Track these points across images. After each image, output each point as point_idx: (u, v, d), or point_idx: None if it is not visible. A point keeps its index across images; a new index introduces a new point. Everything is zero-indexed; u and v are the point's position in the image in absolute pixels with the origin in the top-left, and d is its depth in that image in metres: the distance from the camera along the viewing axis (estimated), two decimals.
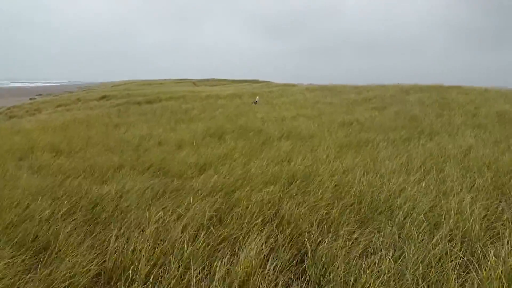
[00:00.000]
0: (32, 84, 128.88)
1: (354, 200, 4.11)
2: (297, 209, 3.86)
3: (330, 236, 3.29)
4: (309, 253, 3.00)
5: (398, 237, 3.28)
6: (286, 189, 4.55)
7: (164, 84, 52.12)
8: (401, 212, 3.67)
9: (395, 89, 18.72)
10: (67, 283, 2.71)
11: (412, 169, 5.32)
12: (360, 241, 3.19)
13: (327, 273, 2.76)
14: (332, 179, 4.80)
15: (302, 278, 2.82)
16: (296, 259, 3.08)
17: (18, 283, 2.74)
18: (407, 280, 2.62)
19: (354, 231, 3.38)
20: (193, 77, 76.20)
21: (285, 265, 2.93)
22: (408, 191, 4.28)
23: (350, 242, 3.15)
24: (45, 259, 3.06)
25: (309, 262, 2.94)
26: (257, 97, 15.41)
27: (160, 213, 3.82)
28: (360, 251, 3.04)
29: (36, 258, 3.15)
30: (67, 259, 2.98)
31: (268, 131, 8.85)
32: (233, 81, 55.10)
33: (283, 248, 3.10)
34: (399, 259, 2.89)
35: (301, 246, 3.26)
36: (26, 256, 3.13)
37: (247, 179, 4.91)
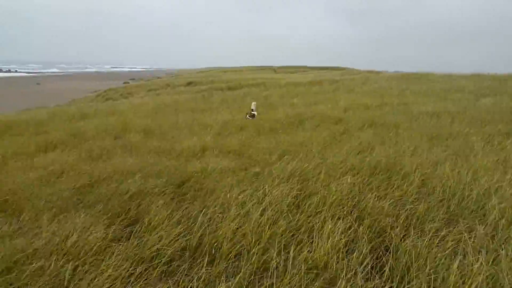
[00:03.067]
0: (126, 69, 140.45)
1: (442, 196, 3.86)
2: (379, 202, 3.73)
3: (414, 233, 3.14)
4: (391, 248, 2.90)
5: (492, 238, 3.02)
6: (367, 180, 4.42)
7: (245, 71, 53.23)
8: (495, 212, 3.37)
9: (491, 79, 16.99)
10: (154, 254, 2.94)
11: (510, 167, 4.82)
12: (448, 240, 3.00)
13: (411, 270, 2.65)
14: (418, 172, 4.55)
15: (383, 273, 2.74)
16: (377, 253, 3.00)
17: (110, 250, 3.03)
18: (504, 286, 2.41)
19: (442, 229, 3.19)
20: (274, 64, 76.66)
21: (365, 258, 2.86)
22: (504, 190, 3.90)
23: (437, 240, 2.97)
24: (135, 230, 3.34)
25: (391, 257, 2.84)
26: (253, 103, 10.08)
27: (240, 195, 3.96)
28: (448, 250, 2.85)
29: (127, 230, 3.46)
30: (155, 232, 3.22)
31: (349, 119, 8.62)
32: (313, 68, 54.35)
33: (363, 241, 3.02)
34: (492, 262, 2.66)
35: (382, 241, 3.17)
36: (119, 227, 3.46)
37: (326, 167, 4.85)
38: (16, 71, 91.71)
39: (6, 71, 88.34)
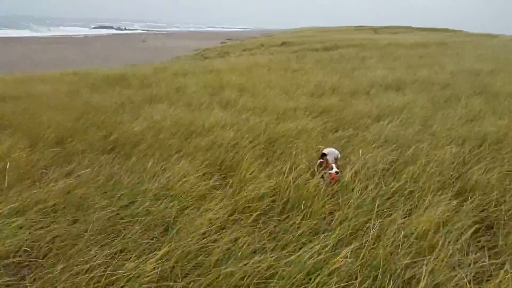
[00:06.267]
0: (223, 29, 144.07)
1: None
2: (485, 175, 3.40)
3: None
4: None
5: None
6: (474, 151, 4.03)
7: (342, 31, 50.90)
8: None
9: None
10: (248, 204, 3.05)
11: None
12: None
13: None
14: None
15: (488, 248, 2.52)
16: (480, 229, 2.76)
17: (209, 195, 3.22)
18: None
19: None
20: (374, 24, 72.35)
21: (466, 232, 2.64)
22: None
23: None
24: (231, 181, 3.49)
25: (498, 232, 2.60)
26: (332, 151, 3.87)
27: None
28: None
29: (223, 178, 3.63)
30: (248, 183, 3.33)
31: (456, 85, 7.83)
32: (418, 29, 49.76)
33: (464, 214, 2.79)
34: None
35: (486, 217, 2.91)
36: (216, 175, 3.65)
37: (428, 134, 4.51)
38: (125, 29, 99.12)
39: (117, 28, 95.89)
